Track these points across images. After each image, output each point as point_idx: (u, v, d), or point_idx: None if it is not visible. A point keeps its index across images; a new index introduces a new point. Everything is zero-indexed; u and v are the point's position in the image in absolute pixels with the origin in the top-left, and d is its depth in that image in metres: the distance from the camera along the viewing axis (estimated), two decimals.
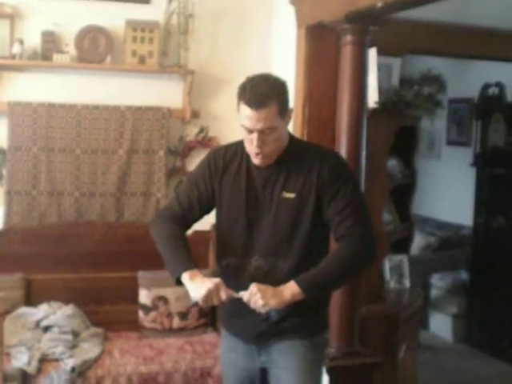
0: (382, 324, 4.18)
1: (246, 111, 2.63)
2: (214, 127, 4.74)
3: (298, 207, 2.72)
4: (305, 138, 4.11)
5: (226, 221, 2.86)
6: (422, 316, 6.26)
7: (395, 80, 4.79)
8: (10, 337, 4.08)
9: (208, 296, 2.60)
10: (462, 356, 6.36)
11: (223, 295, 2.62)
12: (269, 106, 2.61)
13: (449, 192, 7.53)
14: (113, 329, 4.46)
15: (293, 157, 2.76)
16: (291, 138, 2.84)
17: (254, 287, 2.61)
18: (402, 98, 4.44)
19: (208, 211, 2.94)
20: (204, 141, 4.73)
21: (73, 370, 3.80)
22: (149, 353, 4.18)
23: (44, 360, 3.93)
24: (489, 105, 6.69)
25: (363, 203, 2.77)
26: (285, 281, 2.64)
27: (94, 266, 4.57)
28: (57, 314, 4.29)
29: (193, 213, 2.90)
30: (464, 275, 6.94)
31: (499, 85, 6.58)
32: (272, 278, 2.69)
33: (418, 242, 6.85)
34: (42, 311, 4.31)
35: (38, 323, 4.23)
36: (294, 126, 4.22)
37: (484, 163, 6.64)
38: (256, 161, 2.73)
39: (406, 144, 4.80)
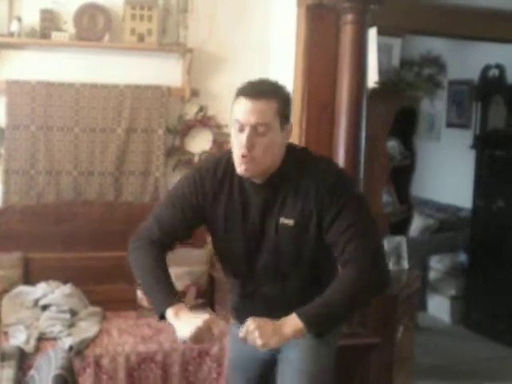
0: (379, 305, 4.17)
1: (242, 103, 2.39)
2: (213, 106, 4.72)
3: (297, 234, 2.48)
4: (304, 119, 4.10)
5: (223, 246, 2.66)
6: (420, 298, 6.27)
7: (395, 61, 4.77)
8: (8, 315, 4.09)
9: (198, 336, 2.34)
10: (460, 338, 6.37)
11: (215, 332, 2.41)
12: (268, 99, 2.37)
13: (448, 174, 7.51)
14: (111, 308, 4.45)
15: (288, 178, 2.47)
16: (289, 150, 2.52)
17: (251, 323, 2.34)
18: (402, 78, 4.42)
19: (191, 235, 2.68)
20: (203, 120, 4.71)
21: (70, 348, 3.80)
22: (147, 332, 4.19)
23: (42, 339, 3.93)
24: (489, 87, 6.66)
25: (369, 221, 2.49)
26: (296, 301, 2.44)
27: (92, 245, 4.57)
28: (55, 292, 4.29)
29: (175, 236, 2.64)
30: (462, 257, 6.95)
31: (499, 66, 6.55)
32: (283, 300, 2.56)
33: (417, 223, 6.85)
34: (40, 290, 4.31)
35: (36, 302, 4.24)
36: (293, 106, 4.20)
37: (484, 145, 6.62)
38: (240, 168, 2.41)
39: (405, 125, 4.79)
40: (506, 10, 4.94)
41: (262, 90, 2.40)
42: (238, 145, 2.39)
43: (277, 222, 2.49)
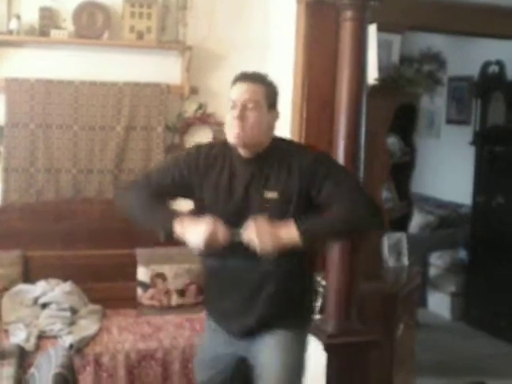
0: (380, 302, 4.18)
1: (236, 86, 2.73)
2: (212, 103, 4.71)
3: (281, 206, 2.66)
4: (304, 115, 4.10)
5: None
6: (421, 294, 6.27)
7: (395, 57, 4.76)
8: (7, 314, 4.09)
9: (210, 239, 2.56)
10: (460, 334, 6.37)
11: (222, 236, 2.58)
12: (256, 83, 2.72)
13: (448, 171, 7.52)
14: (111, 306, 4.45)
15: (274, 155, 2.73)
16: (275, 138, 2.80)
17: (251, 222, 2.56)
18: (402, 75, 4.41)
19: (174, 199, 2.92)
20: (202, 117, 4.71)
21: (71, 346, 3.80)
22: (147, 330, 4.19)
23: (42, 337, 3.94)
24: (489, 83, 6.66)
25: (359, 182, 2.76)
26: (268, 272, 2.69)
27: (92, 243, 4.57)
28: (55, 290, 4.29)
29: (160, 192, 2.83)
30: (463, 254, 6.96)
31: (499, 63, 6.54)
32: (253, 277, 2.73)
33: (417, 220, 6.85)
34: (39, 288, 4.31)
35: (35, 300, 4.24)
36: (293, 103, 4.20)
37: (483, 142, 6.62)
38: (232, 135, 2.68)
39: (405, 122, 4.78)
40: (505, 6, 4.92)
41: (252, 77, 2.76)
42: (231, 118, 2.69)
43: (261, 196, 2.69)
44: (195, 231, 2.58)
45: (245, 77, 2.76)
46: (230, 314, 2.85)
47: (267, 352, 2.79)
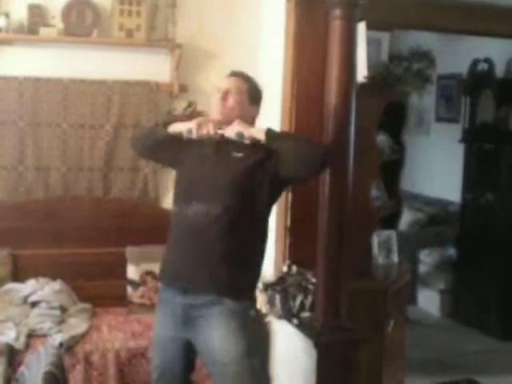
0: (369, 299, 4.18)
1: (223, 79, 3.15)
2: (201, 101, 4.68)
3: (241, 163, 2.97)
4: (293, 113, 4.10)
5: (179, 175, 3.16)
6: (410, 291, 6.29)
7: (384, 55, 4.77)
8: None
9: (202, 122, 3.01)
10: (450, 331, 6.39)
11: (212, 122, 3.01)
12: (241, 79, 3.12)
13: (437, 168, 7.53)
14: (101, 304, 4.46)
15: None
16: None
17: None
18: (391, 72, 4.42)
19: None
20: (192, 115, 4.67)
21: (61, 345, 3.80)
22: (137, 328, 4.19)
23: (32, 335, 3.93)
24: (478, 81, 6.67)
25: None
26: (215, 223, 2.90)
27: (81, 241, 4.56)
28: (44, 289, 4.28)
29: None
30: (452, 251, 6.98)
31: (488, 61, 6.55)
32: (205, 221, 2.91)
33: (407, 217, 6.86)
34: (29, 287, 4.30)
35: (25, 299, 4.23)
36: (282, 101, 4.20)
37: (473, 139, 6.63)
38: (215, 111, 3.06)
39: (394, 120, 4.78)
40: (495, 4, 4.93)
41: (238, 73, 3.17)
42: (214, 100, 3.08)
43: (229, 155, 3.01)
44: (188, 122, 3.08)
45: (232, 73, 3.17)
46: (178, 259, 2.98)
47: (216, 336, 2.90)
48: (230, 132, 2.98)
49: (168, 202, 4.69)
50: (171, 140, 3.14)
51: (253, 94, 3.13)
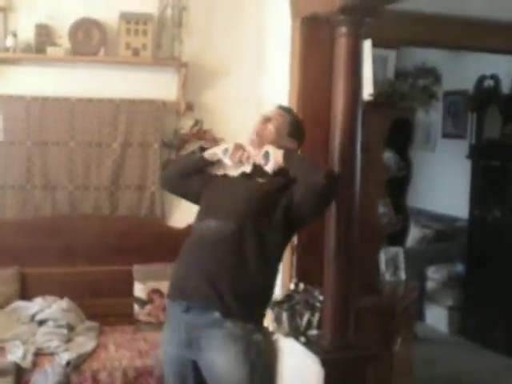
0: (377, 316, 4.17)
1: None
2: (208, 120, 4.72)
3: (261, 188, 3.02)
4: None
5: (203, 196, 3.16)
6: (418, 308, 6.26)
7: (390, 72, 4.77)
8: (4, 331, 4.08)
9: (239, 146, 3.11)
10: (458, 348, 6.36)
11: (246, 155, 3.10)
12: (284, 112, 3.24)
13: (444, 184, 7.52)
14: (108, 322, 4.46)
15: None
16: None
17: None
18: (397, 90, 4.42)
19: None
20: (199, 133, 4.71)
21: (68, 363, 3.79)
22: (144, 346, 4.18)
23: (39, 354, 3.93)
24: (484, 97, 6.68)
25: None
26: (225, 241, 2.89)
27: (88, 259, 4.57)
28: (52, 307, 4.28)
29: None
30: (459, 267, 6.95)
31: (494, 77, 6.57)
32: (217, 237, 2.91)
33: (414, 234, 6.84)
34: (36, 305, 4.30)
35: (32, 317, 4.23)
36: None
37: (479, 155, 6.63)
38: (250, 139, 3.13)
39: (401, 136, 4.78)
40: (500, 21, 4.95)
41: (283, 107, 3.33)
42: (255, 124, 3.16)
43: (252, 180, 3.09)
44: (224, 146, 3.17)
45: (279, 106, 3.31)
46: (184, 273, 2.97)
47: (218, 360, 2.87)
48: (259, 155, 3.07)
49: (175, 219, 4.71)
50: (203, 168, 3.22)
51: (293, 128, 3.20)
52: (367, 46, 3.81)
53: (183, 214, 4.64)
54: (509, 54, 5.54)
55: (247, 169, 3.14)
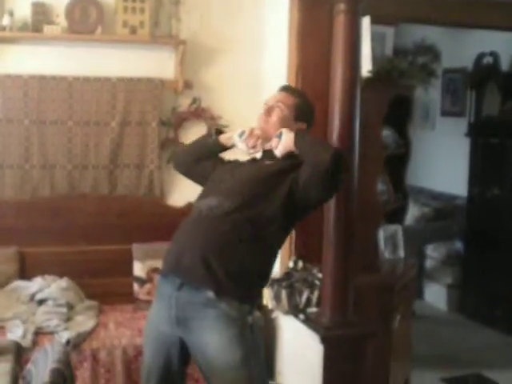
0: (376, 294, 4.18)
1: (275, 92, 3.15)
2: (206, 98, 4.70)
3: (267, 168, 2.99)
4: None
5: (210, 178, 3.12)
6: (417, 286, 6.28)
7: (389, 49, 4.76)
8: (4, 310, 4.09)
9: (253, 130, 3.03)
10: (457, 326, 6.39)
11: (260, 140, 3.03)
12: (290, 94, 3.10)
13: (443, 162, 7.52)
14: (107, 301, 4.47)
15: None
16: None
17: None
18: (396, 67, 4.40)
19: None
20: (197, 112, 4.70)
21: (68, 342, 3.80)
22: (144, 325, 4.15)
23: (39, 333, 3.94)
24: (483, 74, 6.66)
25: None
26: (222, 218, 2.84)
27: (87, 238, 4.57)
28: (51, 287, 4.29)
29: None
30: (458, 245, 6.97)
31: (494, 54, 6.54)
32: (214, 214, 2.86)
33: (413, 212, 6.85)
34: (36, 284, 4.31)
35: (32, 296, 4.24)
36: None
37: (478, 133, 6.62)
38: (256, 130, 3.04)
39: (400, 114, 4.77)
40: None
41: (289, 88, 3.22)
42: (259, 114, 3.07)
43: (260, 163, 3.09)
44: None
45: (282, 87, 3.19)
46: (179, 249, 2.89)
47: (210, 342, 2.80)
48: (273, 140, 2.98)
49: (174, 198, 4.71)
50: (218, 153, 3.23)
51: (300, 111, 3.08)
52: (366, 22, 3.80)
53: (182, 192, 4.64)
54: (508, 30, 5.50)
55: (258, 155, 3.12)
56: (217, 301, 2.78)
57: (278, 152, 2.96)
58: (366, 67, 3.87)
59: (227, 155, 3.26)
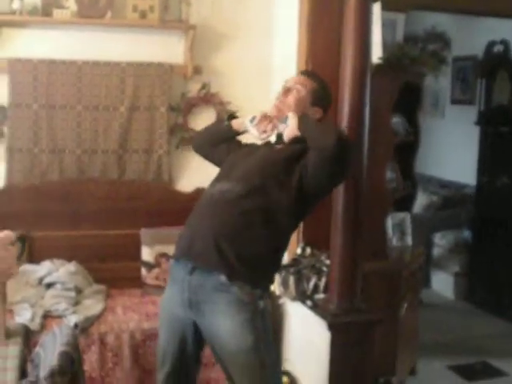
0: (383, 281, 4.19)
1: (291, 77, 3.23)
2: (216, 83, 4.69)
3: (277, 153, 3.01)
4: None
5: (224, 162, 3.17)
6: (424, 274, 6.27)
7: (399, 36, 4.74)
8: (13, 294, 4.09)
9: (264, 115, 3.03)
10: (464, 314, 6.39)
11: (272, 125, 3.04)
12: (309, 79, 3.13)
13: (452, 151, 7.49)
14: (115, 286, 4.48)
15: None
16: None
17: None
18: (407, 53, 4.39)
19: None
20: (206, 97, 4.69)
21: (76, 326, 3.82)
22: (152, 309, 4.20)
23: (47, 316, 3.96)
24: (493, 62, 6.63)
25: None
26: (233, 202, 2.87)
27: (96, 223, 4.58)
28: (59, 271, 4.30)
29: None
30: (466, 234, 6.96)
31: (504, 42, 6.51)
32: (225, 198, 2.89)
33: (421, 200, 6.84)
34: (44, 268, 4.33)
35: (40, 280, 4.25)
36: None
37: (488, 122, 6.60)
38: (272, 109, 3.07)
39: (410, 101, 4.75)
40: None
41: (308, 73, 3.28)
42: (277, 94, 3.12)
43: (271, 147, 3.10)
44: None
45: (302, 72, 3.34)
46: (191, 233, 2.93)
47: (222, 327, 2.83)
48: (283, 124, 3.01)
49: (182, 183, 4.71)
50: (230, 138, 3.26)
51: (317, 96, 3.10)
52: (376, 8, 3.78)
53: (190, 177, 4.65)
54: None
55: (272, 139, 3.12)
56: (229, 285, 2.81)
57: (285, 137, 2.99)
58: (376, 54, 3.85)
59: (245, 139, 3.27)
